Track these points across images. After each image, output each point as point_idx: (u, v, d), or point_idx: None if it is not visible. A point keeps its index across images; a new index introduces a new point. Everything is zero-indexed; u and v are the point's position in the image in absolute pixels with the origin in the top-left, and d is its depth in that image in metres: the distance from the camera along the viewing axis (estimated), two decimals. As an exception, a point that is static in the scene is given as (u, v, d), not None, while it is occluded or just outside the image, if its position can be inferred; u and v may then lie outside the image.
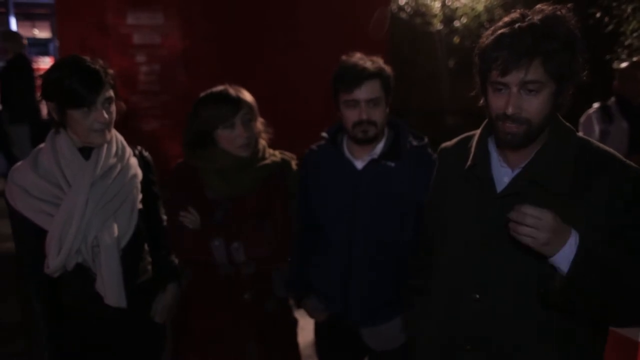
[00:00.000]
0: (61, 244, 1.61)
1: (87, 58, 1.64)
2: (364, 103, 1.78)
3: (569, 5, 1.23)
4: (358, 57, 1.83)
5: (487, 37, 1.25)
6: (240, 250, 1.81)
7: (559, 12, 1.21)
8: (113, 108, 1.68)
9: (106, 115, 1.63)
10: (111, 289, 1.67)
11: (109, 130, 1.69)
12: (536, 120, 1.22)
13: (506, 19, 1.25)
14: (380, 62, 1.84)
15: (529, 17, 1.21)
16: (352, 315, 1.91)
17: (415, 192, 1.73)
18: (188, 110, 1.94)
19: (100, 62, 1.66)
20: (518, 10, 1.25)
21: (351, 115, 1.81)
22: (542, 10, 1.22)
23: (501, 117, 1.24)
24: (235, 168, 1.86)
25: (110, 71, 1.68)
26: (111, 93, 1.66)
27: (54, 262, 1.62)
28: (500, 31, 1.22)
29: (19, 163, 1.71)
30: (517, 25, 1.20)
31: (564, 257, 1.13)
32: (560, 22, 1.20)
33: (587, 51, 1.24)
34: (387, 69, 1.85)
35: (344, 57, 1.85)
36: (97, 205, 1.65)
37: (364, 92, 1.78)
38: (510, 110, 1.21)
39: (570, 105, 1.28)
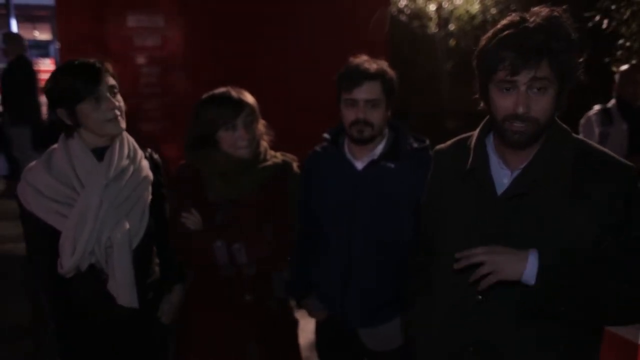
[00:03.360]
0: (75, 244, 1.62)
1: (90, 59, 1.67)
2: (363, 103, 1.80)
3: (564, 6, 1.24)
4: (364, 59, 1.85)
5: (488, 39, 1.26)
6: (241, 251, 1.81)
7: (556, 14, 1.22)
8: (120, 97, 1.69)
9: (115, 104, 1.65)
10: (124, 289, 1.68)
11: (123, 118, 1.70)
12: (543, 119, 1.23)
13: (505, 21, 1.25)
14: (384, 65, 1.85)
15: (532, 19, 1.21)
16: (351, 315, 1.91)
17: (415, 193, 1.73)
18: (188, 112, 1.94)
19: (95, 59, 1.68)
20: (516, 13, 1.25)
21: (349, 114, 1.82)
22: (539, 13, 1.22)
23: (510, 118, 1.24)
24: (236, 170, 1.86)
25: (108, 63, 1.69)
26: (113, 81, 1.68)
27: (68, 262, 1.63)
28: (505, 32, 1.22)
29: (32, 163, 1.73)
30: (523, 26, 1.20)
31: (530, 275, 1.21)
32: (561, 23, 1.21)
33: (587, 53, 1.25)
34: (390, 72, 1.86)
35: (351, 59, 1.86)
36: (110, 207, 1.65)
37: (363, 92, 1.79)
38: (521, 110, 1.21)
39: (570, 107, 1.29)
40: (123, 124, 1.70)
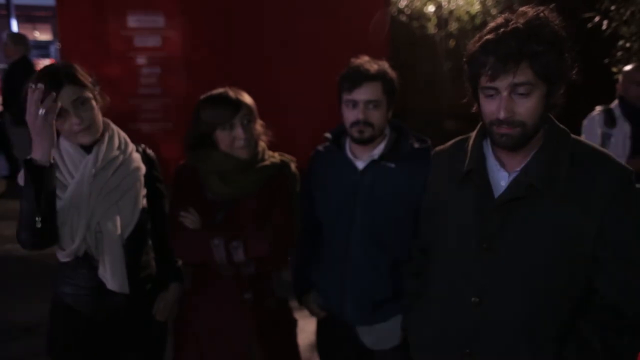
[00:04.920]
0: (73, 231, 1.67)
1: (61, 62, 1.68)
2: (363, 104, 1.80)
3: (552, 5, 1.24)
4: (365, 60, 1.85)
5: (474, 43, 1.26)
6: (239, 249, 1.81)
7: (541, 14, 1.21)
8: (89, 107, 1.68)
9: (77, 119, 1.64)
10: (113, 274, 1.71)
11: (95, 129, 1.71)
12: (530, 121, 1.23)
13: (492, 24, 1.26)
14: (385, 65, 1.86)
15: (512, 22, 1.21)
16: (351, 313, 1.92)
17: (416, 193, 1.74)
18: (188, 113, 1.94)
19: (77, 67, 1.68)
20: (502, 16, 1.25)
21: (350, 115, 1.83)
22: (525, 13, 1.22)
23: (495, 123, 1.24)
24: (235, 170, 1.87)
25: (82, 72, 1.68)
26: (82, 93, 1.66)
27: (70, 247, 1.68)
28: (485, 37, 1.23)
29: None
30: (501, 30, 1.20)
31: None
32: (543, 24, 1.20)
33: (586, 54, 1.24)
34: (391, 72, 1.86)
35: (352, 59, 1.87)
36: (99, 195, 1.70)
37: (363, 93, 1.80)
38: (502, 115, 1.21)
39: (569, 108, 1.29)
40: (96, 134, 1.72)
